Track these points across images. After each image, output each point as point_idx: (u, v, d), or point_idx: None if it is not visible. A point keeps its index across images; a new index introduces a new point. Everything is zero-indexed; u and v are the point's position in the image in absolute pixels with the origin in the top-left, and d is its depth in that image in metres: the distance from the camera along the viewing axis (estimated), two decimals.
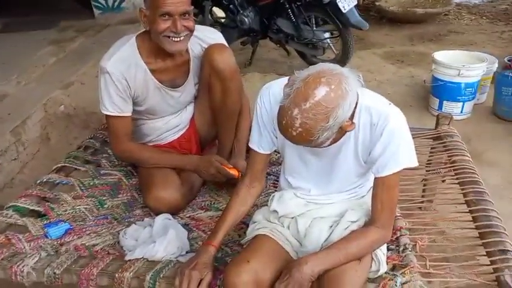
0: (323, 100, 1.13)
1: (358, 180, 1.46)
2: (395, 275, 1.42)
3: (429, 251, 1.61)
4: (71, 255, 1.59)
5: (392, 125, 1.28)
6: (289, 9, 3.87)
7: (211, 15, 4.41)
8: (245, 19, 4.07)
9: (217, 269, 1.46)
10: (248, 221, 1.62)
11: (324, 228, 1.42)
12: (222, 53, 1.83)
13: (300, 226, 1.45)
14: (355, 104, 1.22)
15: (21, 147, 2.91)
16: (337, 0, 3.64)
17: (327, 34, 3.99)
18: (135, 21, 4.51)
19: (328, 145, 1.25)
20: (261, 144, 1.48)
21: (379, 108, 1.30)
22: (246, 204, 1.52)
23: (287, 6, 3.86)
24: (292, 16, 3.89)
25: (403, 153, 1.30)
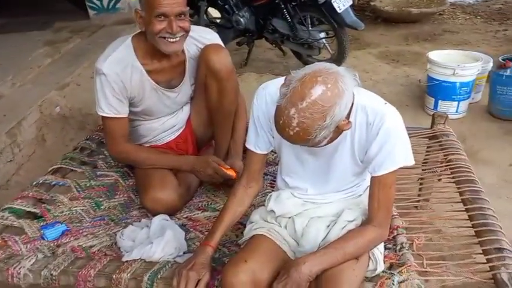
0: (320, 99, 1.14)
1: (355, 180, 1.46)
2: (392, 273, 1.43)
3: (426, 249, 1.62)
4: (68, 257, 1.58)
5: (388, 124, 1.28)
6: (285, 9, 3.87)
7: (207, 16, 4.41)
8: (241, 19, 4.08)
9: (215, 269, 1.46)
10: (245, 221, 1.62)
11: (321, 227, 1.42)
12: (218, 53, 1.83)
13: (297, 226, 1.45)
14: (352, 102, 1.22)
15: (16, 148, 2.90)
16: (333, 0, 3.65)
17: (323, 34, 3.99)
18: (130, 21, 4.49)
19: (325, 144, 1.26)
20: (258, 144, 1.48)
21: (375, 107, 1.30)
22: (243, 204, 1.52)
23: (282, 6, 3.87)
24: (287, 16, 3.89)
25: (399, 152, 1.30)
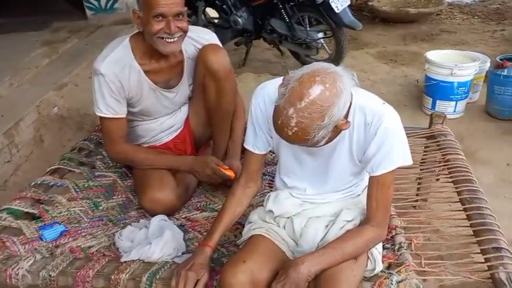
0: (318, 99, 1.14)
1: (353, 179, 1.47)
2: (391, 273, 1.43)
3: (424, 249, 1.62)
4: (67, 258, 1.58)
5: (386, 124, 1.28)
6: (283, 10, 3.88)
7: (205, 16, 4.41)
8: (238, 19, 4.08)
9: (214, 269, 1.46)
10: (244, 221, 1.62)
11: (319, 227, 1.42)
12: (216, 53, 1.83)
13: (295, 226, 1.45)
14: (350, 102, 1.22)
15: (14, 149, 2.89)
16: (330, 0, 3.65)
17: (321, 34, 4.00)
18: (128, 22, 4.49)
19: (324, 144, 1.26)
20: (256, 144, 1.48)
21: (373, 107, 1.30)
22: (242, 204, 1.52)
23: (280, 6, 3.87)
24: (285, 16, 3.89)
25: (397, 152, 1.31)
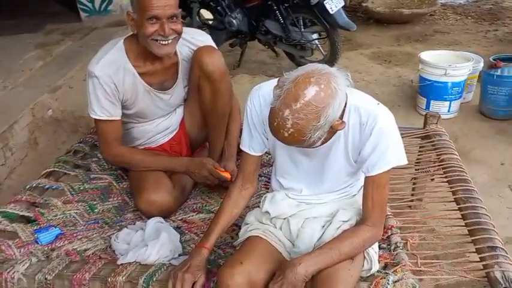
0: (313, 100, 1.14)
1: (349, 180, 1.47)
2: (387, 273, 1.44)
3: (420, 249, 1.63)
4: (63, 261, 1.57)
5: (381, 125, 1.29)
6: (277, 11, 3.89)
7: (199, 18, 4.41)
8: (233, 21, 4.08)
9: (210, 271, 1.46)
10: (240, 222, 1.62)
11: (316, 228, 1.42)
12: (211, 55, 1.83)
13: (292, 227, 1.45)
14: (345, 103, 1.23)
15: (8, 152, 2.87)
16: (325, 2, 3.66)
17: (315, 35, 4.01)
18: (122, 24, 4.47)
19: (319, 145, 1.26)
20: (252, 146, 1.48)
21: (368, 108, 1.31)
22: (239, 206, 1.52)
23: (275, 7, 3.88)
24: (280, 17, 3.90)
25: (392, 152, 1.31)
